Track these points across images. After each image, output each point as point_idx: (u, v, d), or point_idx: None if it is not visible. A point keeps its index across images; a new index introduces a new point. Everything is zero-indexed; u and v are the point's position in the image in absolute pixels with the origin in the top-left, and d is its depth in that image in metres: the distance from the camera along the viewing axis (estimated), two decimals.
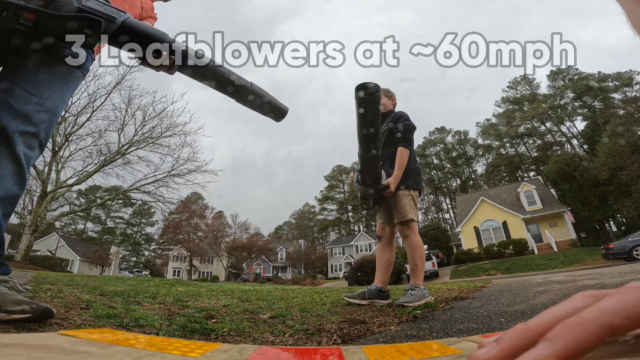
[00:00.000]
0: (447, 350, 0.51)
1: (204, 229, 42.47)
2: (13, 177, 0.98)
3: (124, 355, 0.42)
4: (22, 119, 0.98)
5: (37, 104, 1.02)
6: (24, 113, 0.99)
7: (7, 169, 0.97)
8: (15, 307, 0.88)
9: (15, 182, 0.99)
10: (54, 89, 1.07)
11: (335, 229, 56.07)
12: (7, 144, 0.96)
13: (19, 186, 1.00)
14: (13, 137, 0.96)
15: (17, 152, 0.97)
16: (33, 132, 1.01)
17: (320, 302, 2.26)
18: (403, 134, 2.30)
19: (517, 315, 1.38)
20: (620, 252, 13.20)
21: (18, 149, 0.97)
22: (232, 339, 1.08)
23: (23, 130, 0.98)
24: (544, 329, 0.21)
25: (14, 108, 0.98)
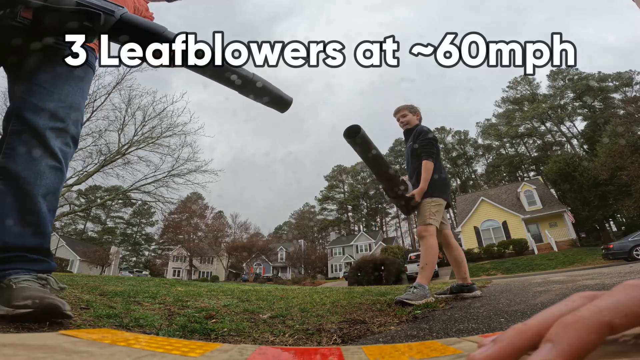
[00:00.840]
0: (447, 350, 0.51)
1: (204, 229, 42.47)
2: (52, 171, 1.01)
3: (124, 355, 0.42)
4: (50, 116, 1.01)
5: (59, 100, 1.05)
6: (50, 110, 1.02)
7: (45, 164, 0.99)
8: (20, 302, 0.84)
9: (55, 177, 1.02)
10: (71, 84, 1.10)
11: (335, 229, 56.06)
12: (41, 141, 0.98)
13: (58, 180, 1.03)
14: (45, 134, 0.99)
15: (52, 147, 1.00)
16: (63, 128, 1.04)
17: (320, 302, 2.26)
18: (424, 148, 2.47)
19: (517, 315, 1.38)
20: (620, 252, 13.20)
21: (53, 144, 1.00)
22: (232, 339, 1.08)
23: (53, 126, 1.01)
24: (542, 329, 0.21)
25: (39, 106, 1.00)
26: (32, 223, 0.97)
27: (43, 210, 0.99)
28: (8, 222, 0.94)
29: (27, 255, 0.96)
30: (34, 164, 0.98)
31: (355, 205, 61.02)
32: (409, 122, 2.63)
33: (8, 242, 0.94)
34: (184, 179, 16.95)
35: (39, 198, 0.98)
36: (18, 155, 0.98)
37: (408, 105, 2.68)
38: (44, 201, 0.99)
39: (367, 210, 61.91)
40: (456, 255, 2.53)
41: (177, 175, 16.84)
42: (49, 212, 1.01)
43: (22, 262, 0.95)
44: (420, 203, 2.42)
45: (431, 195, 2.41)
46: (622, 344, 0.21)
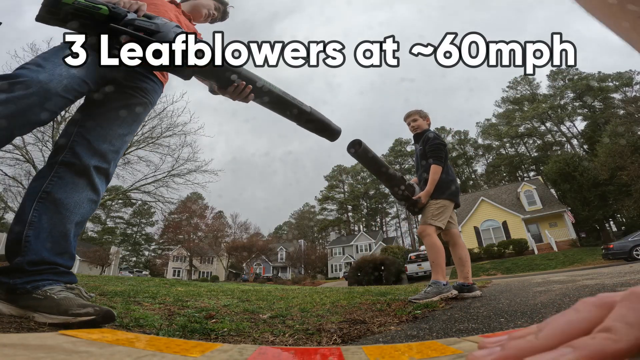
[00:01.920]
0: (447, 350, 0.51)
1: (204, 229, 42.45)
2: (89, 203, 1.16)
3: (124, 355, 0.42)
4: (99, 157, 1.17)
5: (111, 143, 1.20)
6: (101, 152, 1.17)
7: (85, 196, 1.14)
8: (81, 310, 0.93)
9: (90, 209, 1.17)
10: (125, 127, 1.25)
11: (335, 229, 56.06)
12: (87, 177, 1.14)
13: (92, 211, 1.18)
14: (92, 171, 1.14)
15: (95, 183, 1.16)
16: (106, 168, 1.20)
17: (320, 302, 2.26)
18: (432, 152, 2.56)
19: (517, 315, 1.38)
20: (620, 252, 13.20)
21: (96, 180, 1.16)
22: (232, 339, 1.08)
23: (99, 166, 1.16)
24: (554, 343, 0.21)
25: (93, 147, 1.15)
26: (64, 246, 1.09)
27: (71, 234, 1.11)
28: (45, 241, 1.05)
29: (58, 268, 1.08)
30: (76, 194, 1.11)
31: (355, 205, 61.01)
32: (419, 126, 2.75)
33: (45, 258, 1.05)
34: (184, 179, 16.96)
35: (72, 224, 1.10)
36: (65, 184, 1.10)
37: (418, 110, 2.81)
38: (74, 227, 1.12)
39: (367, 210, 61.91)
40: (461, 255, 2.58)
41: (177, 175, 16.85)
42: (74, 237, 1.14)
43: (52, 274, 1.06)
44: (427, 204, 2.52)
45: (436, 198, 2.51)
46: None
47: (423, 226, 2.47)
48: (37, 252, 1.03)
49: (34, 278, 1.01)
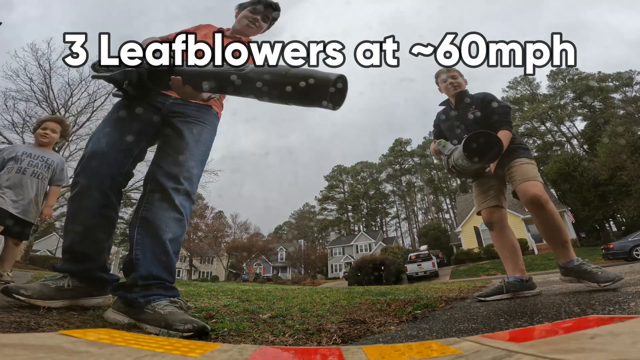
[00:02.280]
0: (447, 350, 0.51)
1: (204, 229, 42.44)
2: (175, 221, 1.28)
3: (124, 355, 0.42)
4: (173, 180, 1.31)
5: (181, 165, 1.34)
6: (173, 175, 1.32)
7: (170, 216, 1.27)
8: (183, 326, 1.05)
9: (178, 227, 1.29)
10: (192, 150, 1.39)
11: (335, 229, 56.06)
12: (168, 199, 1.28)
13: (181, 229, 1.31)
14: (170, 193, 1.28)
15: (176, 203, 1.29)
16: (181, 188, 1.32)
17: (320, 302, 2.26)
18: (502, 116, 2.10)
19: (517, 315, 1.38)
20: (620, 252, 13.21)
21: (177, 200, 1.29)
22: (232, 339, 1.08)
23: (174, 187, 1.30)
24: None
25: (167, 171, 1.32)
26: (165, 261, 1.23)
27: (170, 250, 1.25)
28: (151, 258, 1.21)
29: (166, 284, 1.21)
30: (164, 215, 1.26)
31: (355, 205, 61.01)
32: (460, 85, 2.28)
33: (153, 272, 1.20)
34: None
35: (167, 242, 1.24)
36: (154, 208, 1.27)
37: (453, 68, 2.31)
38: (170, 244, 1.25)
39: (367, 210, 61.90)
40: (512, 242, 2.13)
41: None
42: (174, 254, 1.28)
43: (161, 288, 1.20)
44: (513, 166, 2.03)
45: (528, 157, 2.06)
46: None
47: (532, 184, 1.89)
48: (146, 267, 1.19)
49: (146, 293, 1.16)
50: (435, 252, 24.29)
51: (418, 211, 59.75)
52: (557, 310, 1.34)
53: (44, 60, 14.46)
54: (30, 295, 1.21)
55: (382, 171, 62.65)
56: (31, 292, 1.21)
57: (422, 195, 59.58)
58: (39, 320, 1.06)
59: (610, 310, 1.22)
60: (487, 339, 0.55)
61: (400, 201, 61.37)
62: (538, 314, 1.33)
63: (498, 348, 0.47)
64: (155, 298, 1.15)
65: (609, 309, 1.25)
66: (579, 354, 0.40)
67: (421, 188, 59.25)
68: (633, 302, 1.30)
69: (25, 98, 14.59)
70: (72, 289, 1.30)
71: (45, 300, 1.23)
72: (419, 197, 60.36)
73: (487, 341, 0.53)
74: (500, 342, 0.51)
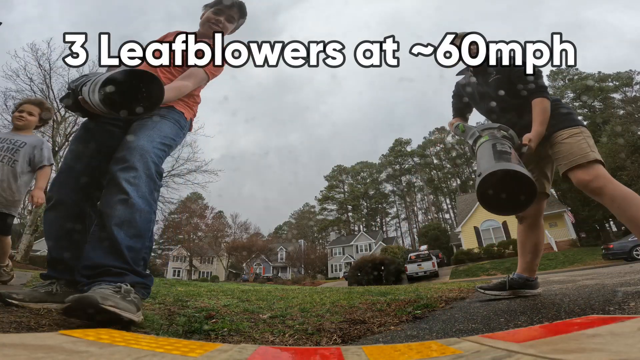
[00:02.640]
0: (447, 350, 0.51)
1: (204, 229, 42.45)
2: (121, 203, 1.21)
3: (124, 355, 0.42)
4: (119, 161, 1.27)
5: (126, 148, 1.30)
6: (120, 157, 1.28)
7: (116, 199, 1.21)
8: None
9: (124, 208, 1.21)
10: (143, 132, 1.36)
11: (335, 229, 56.06)
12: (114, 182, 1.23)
13: (129, 210, 1.21)
14: (116, 174, 1.23)
15: (120, 183, 1.21)
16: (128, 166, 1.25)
17: (320, 302, 2.26)
18: (533, 81, 1.72)
19: (517, 315, 1.38)
20: (620, 252, 13.20)
21: (120, 180, 1.22)
22: (232, 339, 1.08)
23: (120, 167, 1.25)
24: None
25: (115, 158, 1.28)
26: (110, 247, 1.17)
27: (119, 236, 1.18)
28: (96, 247, 1.18)
29: (112, 270, 1.15)
30: (110, 201, 1.21)
31: (355, 205, 61.00)
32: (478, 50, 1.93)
33: (96, 261, 1.16)
34: (184, 179, 16.98)
35: (113, 227, 1.18)
36: (104, 197, 1.25)
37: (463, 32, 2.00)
38: (119, 229, 1.19)
39: (367, 210, 61.90)
40: (538, 240, 1.91)
41: (177, 175, 16.86)
42: (130, 237, 1.20)
43: (107, 275, 1.14)
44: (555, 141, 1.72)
45: (568, 126, 1.71)
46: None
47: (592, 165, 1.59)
48: (89, 257, 1.17)
49: (91, 281, 1.13)
50: (435, 252, 24.30)
51: (418, 211, 59.78)
52: (557, 310, 1.34)
53: (44, 60, 14.47)
54: (22, 298, 1.23)
55: (382, 171, 62.66)
56: (23, 296, 1.24)
57: (422, 195, 59.59)
58: (39, 320, 1.05)
59: (610, 310, 1.22)
60: (487, 339, 0.55)
61: (400, 201, 61.38)
62: (538, 314, 1.33)
63: (498, 348, 0.47)
64: (96, 284, 1.11)
65: (609, 309, 1.25)
66: (579, 354, 0.40)
67: (421, 188, 59.25)
68: (633, 302, 1.30)
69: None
70: (60, 293, 1.33)
71: (37, 303, 1.26)
72: (419, 197, 60.38)
73: (487, 341, 0.53)
74: (500, 342, 0.51)
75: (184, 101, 1.61)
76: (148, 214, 1.27)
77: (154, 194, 1.32)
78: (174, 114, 1.55)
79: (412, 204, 60.24)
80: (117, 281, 1.12)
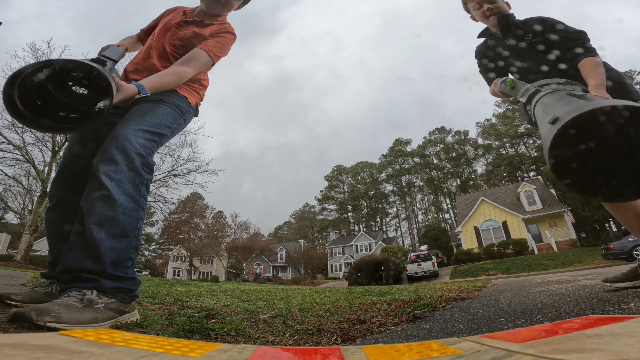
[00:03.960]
0: (447, 350, 0.51)
1: (204, 229, 42.45)
2: (101, 200, 1.12)
3: (124, 355, 0.42)
4: (101, 154, 1.18)
5: (114, 137, 1.20)
6: (102, 149, 1.19)
7: (96, 196, 1.12)
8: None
9: (105, 205, 1.12)
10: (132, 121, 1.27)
11: (335, 229, 56.06)
12: (94, 178, 1.14)
13: (110, 207, 1.13)
14: (97, 168, 1.14)
15: (100, 178, 1.13)
16: (108, 158, 1.16)
17: (320, 302, 2.26)
18: (577, 42, 1.48)
19: (517, 315, 1.38)
20: (620, 252, 13.19)
21: (100, 175, 1.13)
22: (232, 339, 1.08)
23: (100, 159, 1.16)
24: None
25: (98, 152, 1.19)
26: (87, 248, 1.09)
27: (98, 237, 1.09)
28: (72, 248, 1.10)
29: (82, 275, 1.07)
30: (90, 198, 1.13)
31: (355, 205, 61.00)
32: (500, 8, 1.70)
33: (70, 264, 1.08)
34: (184, 179, 16.95)
35: (92, 226, 1.09)
36: (85, 193, 1.15)
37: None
38: (99, 229, 1.10)
39: (367, 210, 61.89)
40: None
41: (177, 175, 16.84)
42: (113, 237, 1.12)
43: (78, 281, 1.07)
44: None
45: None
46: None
47: None
48: (64, 262, 1.09)
49: (65, 286, 1.08)
50: (435, 252, 24.30)
51: (418, 211, 59.77)
52: (557, 310, 1.34)
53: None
54: (22, 299, 1.21)
55: (382, 171, 62.66)
56: (22, 297, 1.22)
57: (422, 195, 59.58)
58: None
59: (610, 310, 1.22)
60: (487, 339, 0.55)
61: (400, 201, 61.37)
62: (538, 314, 1.33)
63: (498, 348, 0.47)
64: (67, 292, 1.05)
65: (609, 309, 1.25)
66: (579, 354, 0.40)
67: (421, 188, 59.24)
68: (633, 302, 1.30)
69: None
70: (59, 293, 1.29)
71: (36, 304, 1.20)
72: (419, 197, 60.37)
73: (487, 341, 0.53)
74: (500, 342, 0.51)
75: (188, 85, 1.50)
76: (133, 211, 1.19)
77: (141, 188, 1.22)
78: (175, 98, 1.42)
79: (412, 204, 60.24)
80: (87, 287, 1.05)
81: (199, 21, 1.55)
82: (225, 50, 1.54)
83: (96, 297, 1.05)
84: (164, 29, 1.55)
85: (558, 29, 1.53)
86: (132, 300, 1.18)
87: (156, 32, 1.56)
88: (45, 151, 15.51)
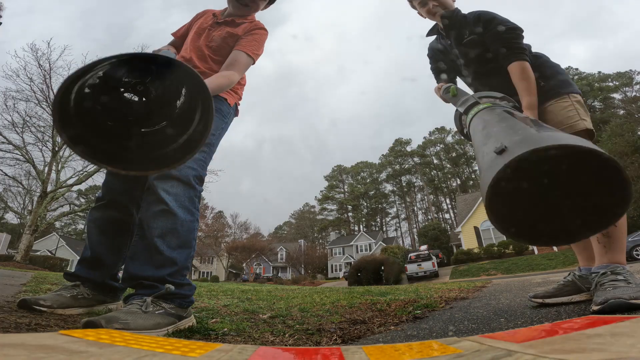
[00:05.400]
0: (447, 350, 0.51)
1: (204, 229, 42.44)
2: (162, 214, 1.20)
3: (124, 355, 0.42)
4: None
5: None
6: None
7: (156, 210, 1.19)
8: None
9: (166, 219, 1.20)
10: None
11: (335, 229, 56.07)
12: (152, 192, 1.22)
13: (171, 221, 1.20)
14: (153, 184, 1.22)
15: (158, 194, 1.20)
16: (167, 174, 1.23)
17: (320, 302, 2.26)
18: (507, 42, 1.41)
19: (517, 315, 1.38)
20: None
21: (158, 191, 1.21)
22: (232, 339, 1.08)
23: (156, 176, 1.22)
24: None
25: None
26: (149, 258, 1.17)
27: (161, 247, 1.17)
28: (134, 258, 1.18)
29: (144, 282, 1.14)
30: (149, 211, 1.20)
31: (355, 205, 61.01)
32: (445, 4, 1.62)
33: (132, 272, 1.16)
34: None
35: (155, 238, 1.17)
36: (144, 206, 1.23)
37: None
38: (162, 241, 1.18)
39: (367, 210, 61.91)
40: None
41: None
42: (173, 248, 1.20)
43: (141, 288, 1.14)
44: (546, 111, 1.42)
45: (563, 93, 1.42)
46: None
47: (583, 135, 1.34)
48: (128, 270, 1.18)
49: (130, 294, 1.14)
50: (435, 252, 24.29)
51: (418, 211, 59.79)
52: (557, 310, 1.34)
53: (44, 60, 14.47)
54: (51, 305, 1.22)
55: (382, 171, 62.68)
56: (50, 302, 1.23)
57: (422, 195, 59.59)
58: (39, 320, 1.06)
59: None
60: (487, 339, 0.55)
61: (400, 201, 61.39)
62: (538, 314, 1.33)
63: (498, 348, 0.47)
64: (132, 299, 1.12)
65: None
66: (579, 354, 0.40)
67: (421, 188, 59.26)
68: None
69: (25, 98, 14.61)
70: (86, 297, 1.33)
71: (65, 309, 1.25)
72: (419, 197, 60.39)
73: (487, 341, 0.53)
74: (500, 342, 0.51)
75: None
76: (190, 222, 1.26)
77: (195, 200, 1.30)
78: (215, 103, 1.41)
79: (412, 204, 60.26)
80: (148, 294, 1.12)
81: (230, 21, 1.57)
82: (261, 47, 1.55)
83: (157, 303, 1.11)
84: (197, 32, 1.57)
85: (490, 27, 1.46)
86: (189, 305, 1.24)
87: (189, 37, 1.58)
88: (45, 151, 15.52)
